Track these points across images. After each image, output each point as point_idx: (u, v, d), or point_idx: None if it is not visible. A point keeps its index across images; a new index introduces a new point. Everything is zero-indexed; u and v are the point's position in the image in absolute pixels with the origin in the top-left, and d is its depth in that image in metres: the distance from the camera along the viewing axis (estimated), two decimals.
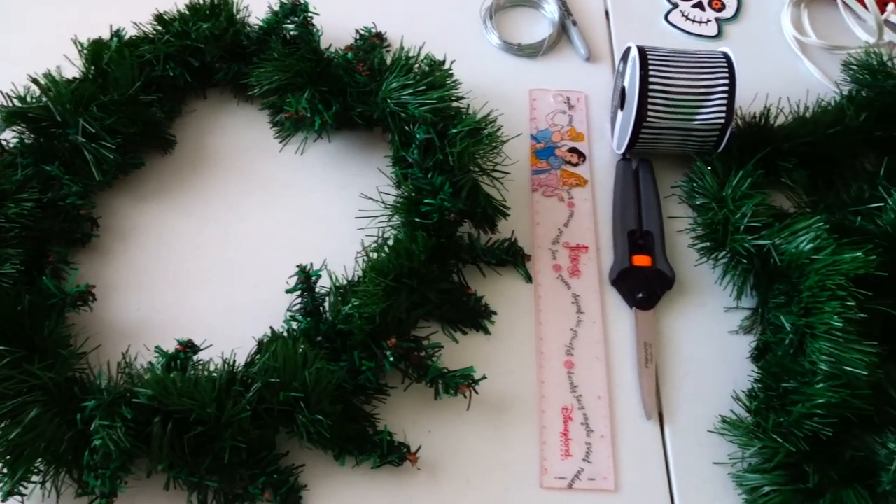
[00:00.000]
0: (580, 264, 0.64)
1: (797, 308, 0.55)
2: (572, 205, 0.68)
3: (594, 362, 0.60)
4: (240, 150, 0.69)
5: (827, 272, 0.54)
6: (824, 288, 0.54)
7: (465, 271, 0.63)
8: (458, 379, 0.54)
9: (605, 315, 0.62)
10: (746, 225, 0.60)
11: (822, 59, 0.78)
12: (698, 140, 0.65)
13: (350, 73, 0.66)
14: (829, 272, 0.54)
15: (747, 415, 0.56)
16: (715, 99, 0.63)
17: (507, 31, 0.78)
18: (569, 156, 0.70)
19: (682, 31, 0.79)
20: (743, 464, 0.55)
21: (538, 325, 0.61)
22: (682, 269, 0.65)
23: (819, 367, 0.53)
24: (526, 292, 0.63)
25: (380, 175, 0.66)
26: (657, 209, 0.66)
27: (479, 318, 0.61)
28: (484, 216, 0.62)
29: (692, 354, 0.61)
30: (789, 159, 0.66)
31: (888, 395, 0.53)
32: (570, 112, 0.73)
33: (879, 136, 0.69)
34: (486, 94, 0.73)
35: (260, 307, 0.60)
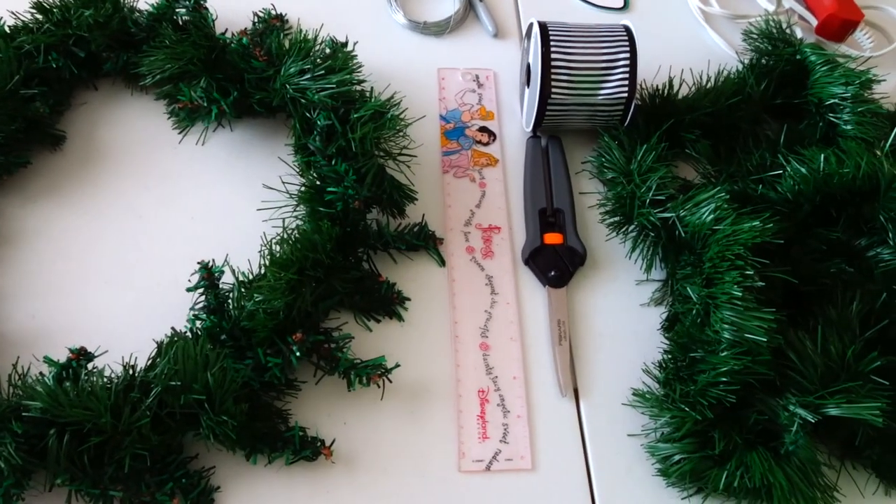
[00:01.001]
0: (493, 245, 0.64)
1: (700, 279, 0.56)
2: (484, 185, 0.67)
3: (509, 343, 0.60)
4: (136, 143, 0.66)
5: (727, 242, 0.55)
6: (724, 258, 0.54)
7: (376, 258, 0.62)
8: (370, 369, 0.53)
9: (519, 295, 0.62)
10: (651, 198, 0.61)
11: (726, 27, 0.79)
12: (604, 115, 0.65)
13: (246, 58, 0.63)
14: (729, 242, 0.55)
15: (658, 386, 0.57)
16: (617, 73, 0.63)
17: (413, 8, 0.77)
18: (479, 135, 0.70)
19: (588, 4, 0.79)
20: (655, 434, 0.56)
21: (452, 308, 0.61)
22: (594, 244, 0.65)
23: (722, 335, 0.54)
24: (440, 276, 0.62)
25: (284, 163, 0.64)
26: (567, 186, 0.66)
27: (392, 306, 0.60)
28: (391, 201, 0.61)
29: (605, 329, 0.61)
30: (693, 131, 0.66)
31: (789, 358, 0.54)
32: (479, 91, 0.72)
33: (780, 103, 0.71)
34: (393, 75, 0.72)
35: (163, 307, 0.58)
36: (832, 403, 0.52)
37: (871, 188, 0.60)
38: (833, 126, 0.66)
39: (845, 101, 0.65)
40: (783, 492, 0.50)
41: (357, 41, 0.69)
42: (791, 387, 0.54)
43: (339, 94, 0.60)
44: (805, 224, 0.63)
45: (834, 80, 0.66)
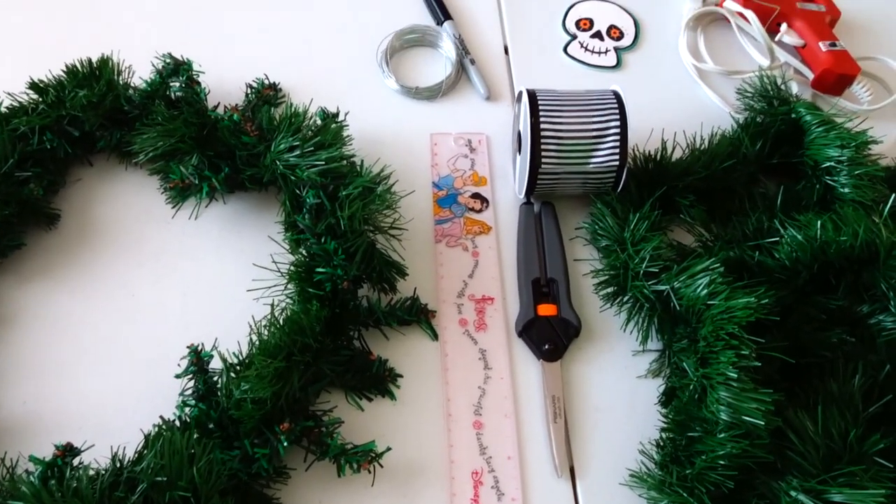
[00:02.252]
0: (486, 317, 0.63)
1: (695, 357, 0.55)
2: (477, 254, 0.66)
3: (503, 420, 0.59)
4: (130, 219, 0.66)
5: (721, 320, 0.54)
6: (718, 337, 0.53)
7: (368, 335, 0.61)
8: (359, 456, 0.53)
9: (514, 369, 0.61)
10: (645, 270, 0.60)
11: (721, 84, 0.78)
12: (596, 182, 0.64)
13: (237, 134, 0.63)
14: (723, 320, 0.54)
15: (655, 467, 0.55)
16: (608, 141, 0.62)
17: (406, 73, 0.77)
18: (472, 202, 0.69)
19: (581, 63, 0.79)
20: None
21: (445, 384, 0.60)
22: (588, 314, 0.64)
23: (719, 416, 0.53)
24: (433, 350, 0.62)
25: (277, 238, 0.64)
26: (561, 255, 0.65)
27: (384, 384, 0.59)
28: (382, 278, 0.60)
29: (602, 404, 0.60)
30: (687, 196, 0.65)
31: (789, 439, 0.52)
32: (471, 155, 0.72)
33: (776, 163, 0.70)
34: (386, 141, 0.72)
35: (154, 389, 0.58)
36: (835, 488, 0.50)
37: (869, 255, 0.58)
38: (830, 188, 0.65)
39: (841, 164, 0.64)
40: None
41: (349, 110, 0.70)
42: (792, 469, 0.52)
43: (329, 171, 0.60)
44: (804, 291, 0.61)
45: (830, 142, 0.65)
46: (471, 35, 0.80)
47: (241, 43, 0.78)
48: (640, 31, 0.81)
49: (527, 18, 0.82)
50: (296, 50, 0.78)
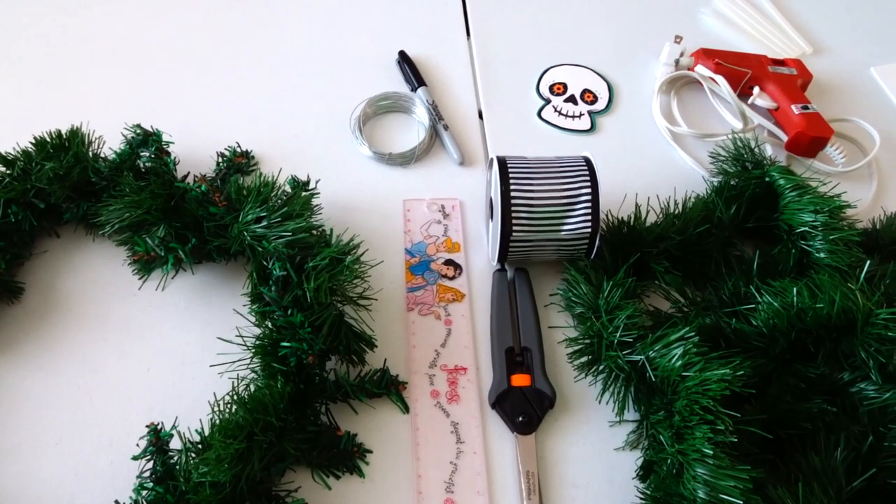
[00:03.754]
0: (459, 388, 0.62)
1: (670, 432, 0.53)
2: (450, 322, 0.65)
3: (476, 498, 0.57)
4: (95, 292, 0.65)
5: (696, 393, 0.52)
6: (693, 412, 0.52)
7: (336, 409, 0.59)
8: None
9: (487, 442, 0.59)
10: (619, 339, 0.58)
11: (695, 146, 0.79)
12: (569, 248, 0.64)
13: (205, 205, 0.63)
14: (698, 393, 0.52)
15: None
16: (579, 208, 0.62)
17: (379, 139, 0.77)
18: (445, 269, 0.68)
19: (555, 127, 0.79)
20: None
21: (416, 460, 0.58)
22: (564, 383, 0.62)
23: (697, 494, 0.51)
24: (404, 424, 0.60)
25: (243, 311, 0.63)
26: (535, 322, 0.64)
27: (353, 460, 0.57)
28: (350, 350, 0.59)
29: (578, 479, 0.58)
30: (661, 262, 0.65)
31: None
32: (445, 221, 0.71)
33: (752, 226, 0.69)
34: (359, 209, 0.71)
35: (113, 471, 0.56)
36: None
37: (847, 323, 0.57)
38: (806, 253, 0.64)
39: (816, 229, 0.63)
40: None
41: (321, 178, 0.70)
42: None
43: (296, 241, 0.59)
44: (783, 360, 0.60)
45: (803, 207, 0.64)
46: (445, 100, 0.80)
47: (213, 111, 0.78)
48: (613, 95, 0.82)
49: (501, 83, 0.82)
50: (269, 118, 0.78)
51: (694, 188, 0.72)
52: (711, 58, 0.80)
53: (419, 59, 0.83)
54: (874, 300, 0.57)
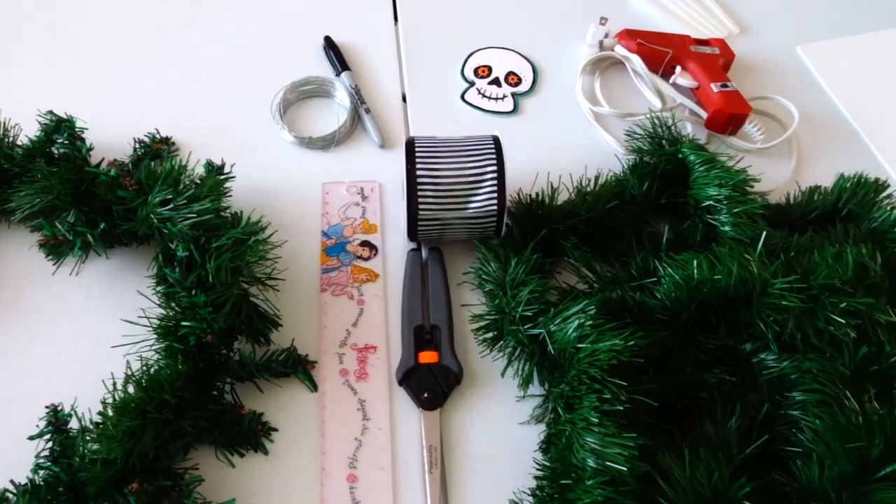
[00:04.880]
0: (368, 366, 0.62)
1: (562, 402, 0.54)
2: (362, 302, 0.66)
3: (379, 473, 0.57)
4: (9, 277, 0.65)
5: (586, 363, 0.53)
6: (581, 382, 0.52)
7: (243, 388, 0.60)
8: None
9: (393, 419, 0.60)
10: (521, 314, 0.59)
11: (617, 126, 0.79)
12: (478, 227, 0.64)
13: (114, 189, 0.63)
14: (588, 363, 0.53)
15: None
16: (486, 186, 0.62)
17: (302, 124, 0.77)
18: (360, 250, 0.69)
19: (478, 109, 0.79)
20: None
21: (321, 437, 0.58)
22: (473, 360, 0.63)
23: (587, 463, 0.51)
24: (311, 402, 0.60)
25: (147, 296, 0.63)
26: (445, 301, 0.65)
27: (257, 438, 0.58)
28: (254, 330, 0.59)
29: (481, 452, 0.59)
30: (569, 238, 0.65)
31: (657, 484, 0.51)
32: (363, 203, 0.72)
33: (665, 203, 0.70)
34: (278, 192, 0.72)
35: (16, 451, 0.56)
36: None
37: (745, 294, 0.58)
38: (712, 227, 0.65)
39: (721, 203, 0.64)
40: None
41: (242, 163, 0.70)
42: None
43: (201, 223, 0.59)
44: (685, 332, 0.61)
45: (710, 182, 0.65)
46: (370, 85, 0.80)
47: (135, 97, 0.78)
48: (538, 77, 0.82)
49: (426, 67, 0.83)
50: (192, 104, 0.78)
51: (614, 167, 0.73)
52: (634, 38, 0.81)
53: (347, 44, 0.84)
54: (771, 270, 0.58)
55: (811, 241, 0.64)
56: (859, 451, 0.52)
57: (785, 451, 0.55)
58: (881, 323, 0.58)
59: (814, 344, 0.57)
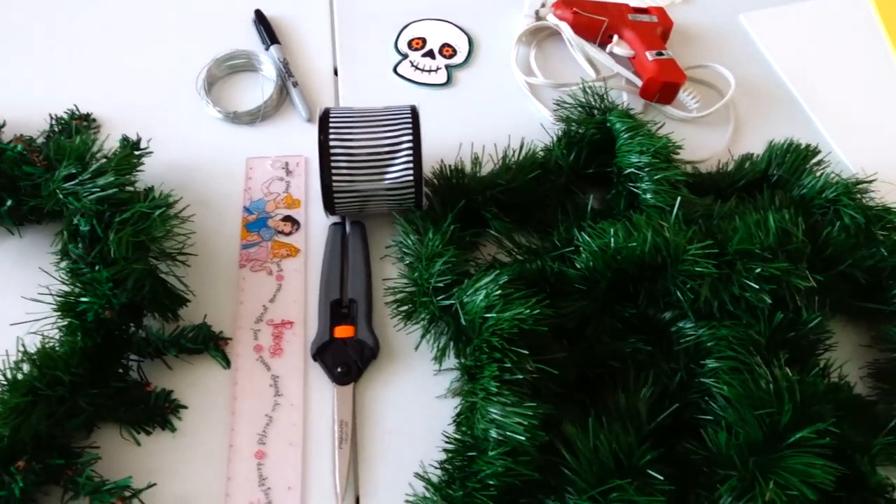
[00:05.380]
0: (284, 342, 0.61)
1: (465, 373, 0.53)
2: (281, 278, 0.64)
3: (288, 449, 0.56)
4: None
5: (490, 332, 0.52)
6: (482, 351, 0.51)
7: (153, 365, 0.59)
8: (112, 492, 0.50)
9: (307, 395, 0.59)
10: (435, 285, 0.58)
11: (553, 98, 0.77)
12: (396, 199, 0.63)
13: (20, 165, 0.61)
14: (491, 332, 0.52)
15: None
16: (401, 156, 0.61)
17: (229, 99, 0.76)
18: (282, 225, 0.67)
19: (410, 82, 0.78)
20: None
21: (231, 414, 0.57)
22: (392, 334, 0.62)
23: (489, 434, 0.50)
24: (223, 379, 0.59)
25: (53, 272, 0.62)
26: (364, 275, 0.63)
27: (164, 416, 0.56)
28: (160, 306, 0.58)
29: (396, 427, 0.58)
30: (490, 208, 0.64)
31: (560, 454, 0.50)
32: (287, 178, 0.70)
33: (592, 173, 0.68)
34: (202, 168, 0.71)
35: None
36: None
37: (661, 261, 0.56)
38: (635, 195, 0.63)
39: (642, 170, 0.62)
40: None
41: (151, 138, 0.69)
42: (567, 484, 0.50)
43: (107, 198, 0.58)
44: (605, 301, 0.60)
45: (633, 149, 0.63)
46: (301, 59, 0.79)
47: (55, 74, 0.76)
48: (473, 49, 0.81)
49: (359, 40, 0.81)
50: (116, 79, 0.76)
51: (546, 139, 0.71)
52: (569, 7, 0.79)
53: (279, 17, 0.82)
54: (687, 236, 0.56)
55: (735, 209, 0.63)
56: (769, 418, 0.51)
57: (698, 419, 0.54)
58: (799, 289, 0.57)
59: (731, 311, 0.56)
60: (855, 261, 0.61)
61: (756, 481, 0.49)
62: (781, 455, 0.50)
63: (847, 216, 0.63)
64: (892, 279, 0.61)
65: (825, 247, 0.60)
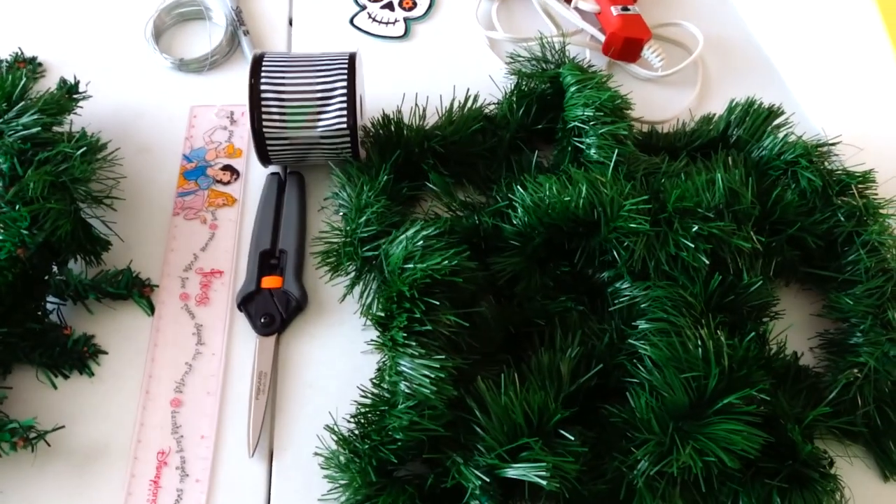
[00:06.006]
0: (211, 290, 0.60)
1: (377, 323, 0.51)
2: (215, 227, 0.63)
3: (205, 398, 0.55)
4: None
5: (402, 282, 0.50)
6: (392, 301, 0.49)
7: (76, 310, 0.57)
8: (15, 432, 0.49)
9: (230, 345, 0.57)
10: (360, 235, 0.56)
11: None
12: (332, 148, 0.61)
13: None
14: (402, 282, 0.50)
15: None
16: (334, 104, 0.59)
17: (178, 47, 0.74)
18: (221, 174, 0.66)
19: (367, 34, 0.75)
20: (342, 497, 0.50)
21: (151, 361, 0.56)
22: (323, 289, 0.60)
23: (399, 387, 0.48)
24: (146, 326, 0.58)
25: None
26: (297, 226, 0.61)
27: (82, 360, 0.55)
28: (81, 248, 0.57)
29: (317, 380, 0.56)
30: (427, 161, 0.62)
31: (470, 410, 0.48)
32: (231, 127, 0.69)
33: (542, 128, 0.66)
34: (145, 115, 0.69)
35: None
36: (507, 464, 0.46)
37: (596, 217, 0.54)
38: (580, 151, 0.61)
39: (587, 124, 0.59)
40: None
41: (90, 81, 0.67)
42: (477, 443, 0.48)
43: (30, 137, 0.57)
44: (540, 259, 0.57)
45: (578, 101, 0.60)
46: (255, 7, 0.77)
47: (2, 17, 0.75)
48: (435, 1, 0.78)
49: None
50: (64, 25, 0.74)
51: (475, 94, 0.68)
52: None
53: None
54: (623, 191, 0.54)
55: (685, 168, 0.60)
56: (695, 382, 0.48)
57: (626, 383, 0.52)
58: (742, 252, 0.54)
59: (668, 273, 0.54)
60: (807, 225, 0.58)
61: (675, 446, 0.47)
62: (708, 422, 0.48)
63: (804, 179, 0.60)
64: (848, 246, 0.58)
65: (774, 210, 0.57)
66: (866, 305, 0.55)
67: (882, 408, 0.53)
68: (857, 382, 0.53)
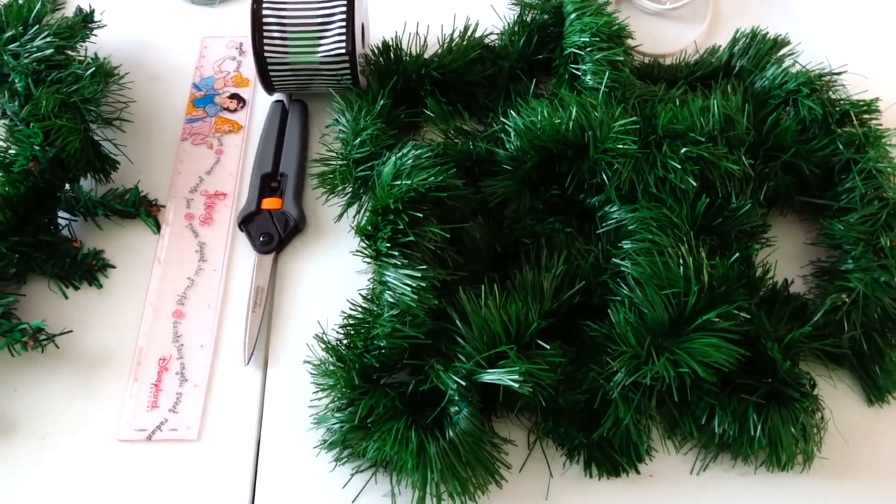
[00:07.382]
0: (215, 212, 0.62)
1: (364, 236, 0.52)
2: (221, 152, 0.65)
3: (205, 311, 0.57)
4: None
5: (387, 195, 0.51)
6: (378, 213, 0.51)
7: (87, 227, 0.60)
8: (17, 333, 0.52)
9: (231, 262, 0.60)
10: (355, 156, 0.57)
11: None
12: (331, 75, 0.62)
13: None
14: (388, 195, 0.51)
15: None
16: (334, 28, 0.60)
17: None
18: (228, 102, 0.68)
19: None
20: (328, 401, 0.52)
21: (155, 275, 0.59)
22: (323, 211, 0.62)
23: (384, 297, 0.50)
24: (152, 243, 0.61)
25: None
26: (299, 151, 0.63)
27: (91, 272, 0.58)
28: (91, 166, 0.59)
29: (312, 297, 0.58)
30: (425, 87, 0.62)
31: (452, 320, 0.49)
32: (240, 58, 0.70)
33: (542, 59, 0.66)
34: (156, 45, 0.72)
35: None
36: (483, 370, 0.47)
37: (585, 140, 0.54)
38: (577, 78, 0.61)
39: (583, 51, 0.59)
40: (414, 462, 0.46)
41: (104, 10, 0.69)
42: (457, 352, 0.49)
43: (44, 59, 0.59)
44: (532, 182, 0.58)
45: (576, 28, 0.60)
46: None
47: None
48: None
49: None
50: None
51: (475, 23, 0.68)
52: None
53: None
54: (613, 114, 0.54)
55: (682, 95, 0.60)
56: (675, 300, 0.49)
57: (609, 301, 0.52)
58: (732, 175, 0.54)
59: (656, 195, 0.54)
60: (803, 152, 0.57)
61: (651, 359, 0.48)
62: (686, 338, 0.48)
63: (804, 108, 0.59)
64: (845, 174, 0.58)
65: (769, 136, 0.57)
66: (859, 232, 0.54)
67: (869, 333, 0.53)
68: (844, 307, 0.53)
